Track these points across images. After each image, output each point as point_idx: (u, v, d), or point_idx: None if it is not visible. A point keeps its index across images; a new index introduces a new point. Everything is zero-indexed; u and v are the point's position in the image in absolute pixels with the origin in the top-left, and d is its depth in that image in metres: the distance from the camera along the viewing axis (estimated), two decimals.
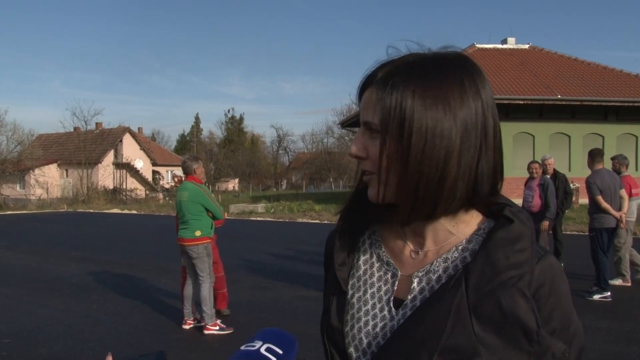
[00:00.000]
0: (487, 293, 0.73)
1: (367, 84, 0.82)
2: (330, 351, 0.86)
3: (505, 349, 0.72)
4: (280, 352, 0.80)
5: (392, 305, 0.83)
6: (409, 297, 0.81)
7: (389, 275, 0.86)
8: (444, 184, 0.76)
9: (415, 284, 0.82)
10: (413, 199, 0.78)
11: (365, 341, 0.82)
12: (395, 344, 0.77)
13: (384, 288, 0.85)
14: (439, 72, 0.77)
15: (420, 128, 0.75)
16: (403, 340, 0.76)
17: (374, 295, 0.85)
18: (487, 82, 0.80)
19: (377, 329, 0.82)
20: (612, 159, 7.41)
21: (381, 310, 0.83)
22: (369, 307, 0.85)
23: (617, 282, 7.17)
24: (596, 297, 6.45)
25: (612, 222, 6.54)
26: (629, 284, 7.21)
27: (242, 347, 0.80)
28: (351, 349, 0.83)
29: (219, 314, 5.72)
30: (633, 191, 7.18)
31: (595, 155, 6.77)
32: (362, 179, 0.84)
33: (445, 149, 0.75)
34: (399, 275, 0.85)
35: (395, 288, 0.84)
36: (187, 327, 5.51)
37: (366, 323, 0.84)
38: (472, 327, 0.72)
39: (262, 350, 0.79)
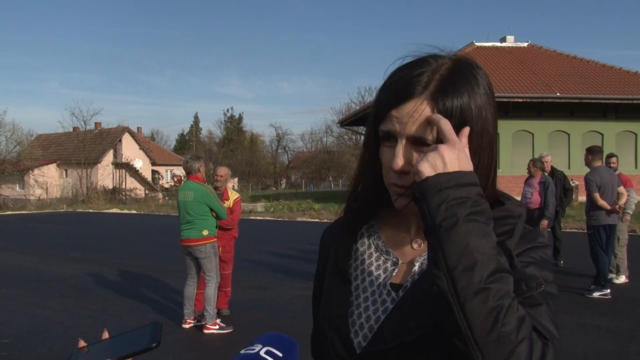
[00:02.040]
0: None
1: (409, 94, 0.78)
2: (332, 339, 0.87)
3: None
4: (280, 354, 0.80)
5: (390, 288, 0.86)
6: (409, 279, 0.85)
7: (388, 264, 0.89)
8: (495, 179, 0.85)
9: (416, 268, 0.86)
10: None
11: (366, 325, 0.85)
12: (392, 320, 0.81)
13: (383, 275, 0.88)
14: (475, 77, 0.81)
15: (483, 130, 0.81)
16: (400, 316, 0.81)
17: (372, 282, 0.88)
18: None
19: (379, 313, 0.85)
20: (608, 156, 7.37)
21: (380, 295, 0.86)
22: (368, 294, 0.87)
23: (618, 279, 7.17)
24: (596, 294, 6.44)
25: (609, 219, 6.54)
26: (627, 280, 7.22)
27: (242, 351, 0.81)
28: (351, 335, 0.85)
29: (218, 314, 5.72)
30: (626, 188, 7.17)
31: (594, 153, 6.75)
32: (399, 193, 0.81)
33: (493, 146, 0.83)
34: (399, 264, 0.88)
35: (395, 274, 0.87)
36: (186, 326, 5.51)
37: (366, 308, 0.86)
38: None
39: (262, 353, 0.80)
